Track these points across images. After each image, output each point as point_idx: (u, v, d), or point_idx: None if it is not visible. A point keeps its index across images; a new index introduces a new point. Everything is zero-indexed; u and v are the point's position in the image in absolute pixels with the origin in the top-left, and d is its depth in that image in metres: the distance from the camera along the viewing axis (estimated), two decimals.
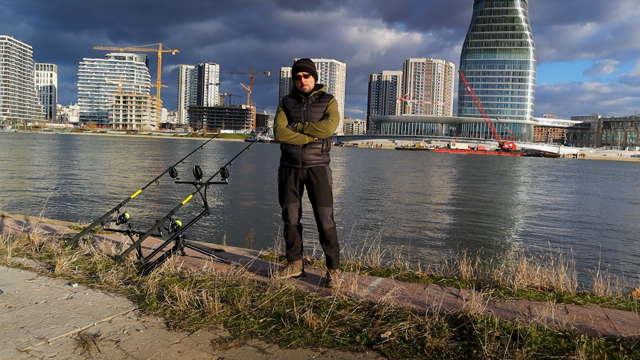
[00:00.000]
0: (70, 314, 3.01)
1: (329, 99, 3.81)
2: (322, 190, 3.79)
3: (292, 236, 3.93)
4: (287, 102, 3.84)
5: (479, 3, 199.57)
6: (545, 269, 3.86)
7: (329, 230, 3.80)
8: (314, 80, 3.78)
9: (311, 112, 3.75)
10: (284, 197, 3.86)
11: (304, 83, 3.72)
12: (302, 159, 3.75)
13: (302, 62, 3.76)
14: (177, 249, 4.25)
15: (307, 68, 3.73)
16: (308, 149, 3.75)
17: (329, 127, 3.72)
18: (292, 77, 3.83)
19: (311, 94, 3.77)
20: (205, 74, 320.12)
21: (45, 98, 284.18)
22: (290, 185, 3.82)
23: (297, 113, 3.77)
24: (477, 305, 3.04)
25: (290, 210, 3.86)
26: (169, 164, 35.82)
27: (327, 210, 3.80)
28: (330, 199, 3.83)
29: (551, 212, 19.58)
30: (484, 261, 4.21)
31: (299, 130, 3.72)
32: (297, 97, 3.81)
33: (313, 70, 3.76)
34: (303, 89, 3.75)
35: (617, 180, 44.73)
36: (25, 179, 23.40)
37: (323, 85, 3.91)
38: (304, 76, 3.72)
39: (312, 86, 3.78)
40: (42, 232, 5.15)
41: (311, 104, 3.76)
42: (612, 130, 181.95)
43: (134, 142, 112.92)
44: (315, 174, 3.78)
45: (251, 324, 2.86)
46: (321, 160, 3.81)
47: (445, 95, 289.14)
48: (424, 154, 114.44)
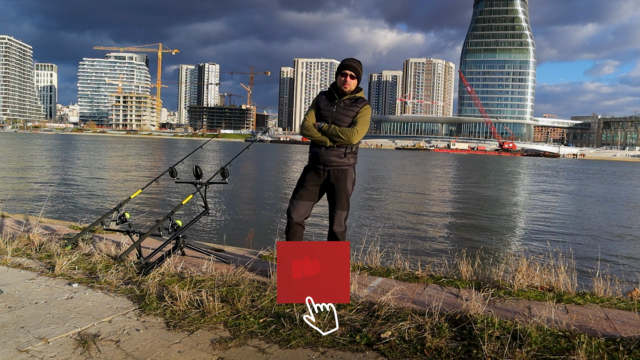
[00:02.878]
0: (70, 314, 3.01)
1: (362, 105, 3.68)
2: (339, 193, 3.73)
3: (293, 234, 3.82)
4: (321, 99, 3.76)
5: (479, 3, 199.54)
6: (545, 269, 3.85)
7: (339, 234, 3.76)
8: (356, 83, 3.67)
9: (340, 115, 3.65)
10: (296, 193, 3.82)
11: (348, 83, 3.62)
12: (324, 160, 3.68)
13: (352, 61, 3.66)
14: (177, 249, 4.25)
15: (355, 69, 3.63)
16: (330, 150, 3.67)
17: (353, 136, 3.60)
18: (337, 72, 3.72)
19: (345, 96, 3.67)
20: (205, 74, 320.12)
21: (45, 98, 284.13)
22: (306, 183, 3.78)
23: (326, 112, 3.69)
24: (477, 305, 3.04)
25: (295, 206, 3.78)
26: (169, 164, 35.82)
27: (341, 214, 3.75)
28: (346, 203, 3.77)
29: (551, 212, 19.57)
30: (484, 261, 4.20)
31: (324, 130, 3.65)
32: (330, 96, 3.72)
33: (360, 73, 3.66)
34: (344, 87, 3.63)
35: (617, 180, 44.71)
36: (25, 179, 23.40)
37: (362, 90, 3.78)
38: (350, 77, 3.62)
39: (353, 88, 3.68)
40: (42, 232, 5.14)
41: (343, 106, 3.67)
42: (612, 130, 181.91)
43: (134, 142, 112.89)
44: (336, 176, 3.71)
45: (251, 324, 2.86)
46: (344, 163, 3.71)
47: (445, 95, 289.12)
48: (424, 154, 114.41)
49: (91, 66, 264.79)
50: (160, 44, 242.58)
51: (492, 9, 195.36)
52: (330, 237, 3.80)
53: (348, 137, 3.60)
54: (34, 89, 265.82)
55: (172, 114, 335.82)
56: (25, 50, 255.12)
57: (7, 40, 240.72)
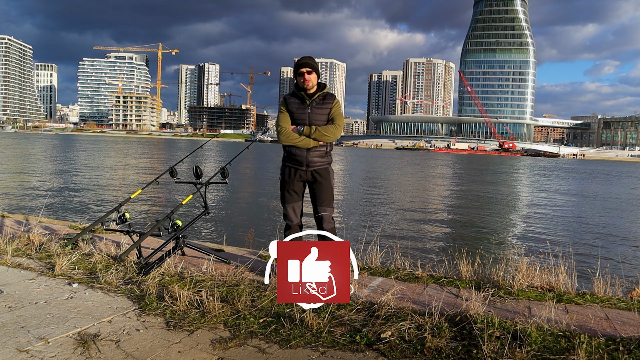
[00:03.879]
0: (70, 314, 3.01)
1: (332, 100, 3.75)
2: (325, 191, 3.79)
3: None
4: (290, 103, 3.74)
5: (479, 3, 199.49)
6: (545, 269, 3.85)
7: (330, 231, 3.79)
8: (316, 77, 3.71)
9: (315, 115, 3.70)
10: (286, 198, 3.84)
11: (307, 79, 3.65)
12: (307, 162, 3.73)
13: (305, 58, 3.71)
14: (177, 249, 4.25)
15: (310, 65, 3.67)
16: (313, 151, 3.72)
17: (337, 132, 3.72)
18: (294, 74, 3.75)
19: (315, 95, 3.71)
20: (206, 74, 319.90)
21: (45, 98, 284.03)
22: (293, 186, 3.81)
23: (301, 115, 3.71)
24: (477, 305, 3.04)
25: (292, 211, 3.85)
26: (169, 164, 35.81)
27: (329, 211, 3.82)
28: (332, 200, 3.85)
29: (551, 211, 19.57)
30: (484, 261, 4.21)
31: (306, 134, 3.67)
32: (299, 97, 3.73)
33: (316, 67, 3.70)
34: (305, 84, 3.67)
35: (617, 180, 44.72)
36: (25, 179, 23.40)
37: (326, 85, 3.85)
38: (307, 72, 3.65)
39: (315, 83, 3.72)
40: (42, 232, 5.14)
41: (315, 105, 3.70)
42: (612, 130, 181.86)
43: (134, 142, 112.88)
44: (321, 175, 3.77)
45: (251, 324, 2.86)
46: (325, 162, 3.80)
47: (445, 95, 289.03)
48: (424, 154, 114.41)
49: (91, 66, 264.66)
50: (160, 44, 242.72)
51: (492, 9, 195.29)
52: (322, 235, 3.82)
53: (333, 133, 3.71)
54: (34, 89, 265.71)
55: (172, 114, 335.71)
56: (25, 50, 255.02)
57: (7, 40, 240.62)
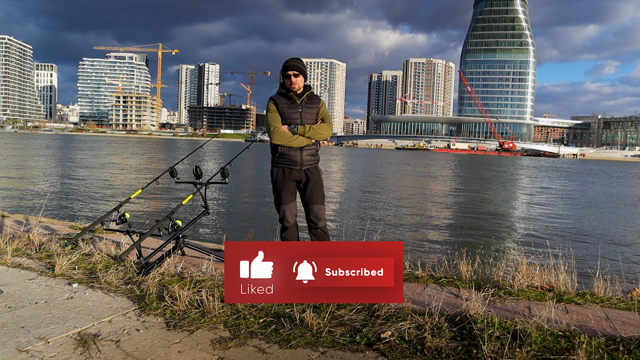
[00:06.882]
0: (70, 314, 3.01)
1: (319, 101, 3.87)
2: (317, 189, 3.88)
3: (291, 236, 3.96)
4: (280, 103, 3.79)
5: (479, 3, 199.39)
6: (545, 269, 3.85)
7: (324, 228, 3.90)
8: (303, 79, 3.78)
9: (306, 114, 3.78)
10: (282, 199, 3.88)
11: (294, 82, 3.73)
12: (301, 161, 3.80)
13: (292, 61, 3.76)
14: (177, 249, 4.25)
15: (297, 67, 3.74)
16: (306, 150, 3.81)
17: (329, 130, 3.90)
18: (282, 75, 3.83)
19: (304, 95, 3.79)
20: (206, 74, 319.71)
21: (45, 98, 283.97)
22: (287, 187, 3.85)
23: (292, 114, 3.77)
24: (477, 305, 3.04)
25: (288, 212, 3.90)
26: (169, 163, 35.83)
27: (322, 208, 3.90)
28: (324, 197, 3.93)
29: (551, 212, 19.57)
30: (484, 261, 4.20)
31: (301, 133, 3.74)
32: (288, 97, 3.80)
33: (303, 70, 3.77)
34: (292, 87, 3.74)
35: (617, 180, 44.72)
36: (25, 179, 23.41)
37: (312, 87, 3.93)
38: (294, 75, 3.72)
39: (302, 86, 3.79)
40: (42, 232, 5.15)
41: (305, 105, 3.79)
42: (612, 130, 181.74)
43: (134, 142, 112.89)
44: (312, 173, 3.86)
45: (251, 324, 2.86)
46: (315, 160, 3.91)
47: (445, 95, 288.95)
48: (424, 154, 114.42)
49: (91, 66, 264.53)
50: (160, 44, 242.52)
51: (492, 9, 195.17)
52: (315, 233, 3.88)
53: (327, 131, 3.84)
54: (34, 89, 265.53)
55: (172, 114, 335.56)
56: (25, 50, 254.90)
57: (7, 40, 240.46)
